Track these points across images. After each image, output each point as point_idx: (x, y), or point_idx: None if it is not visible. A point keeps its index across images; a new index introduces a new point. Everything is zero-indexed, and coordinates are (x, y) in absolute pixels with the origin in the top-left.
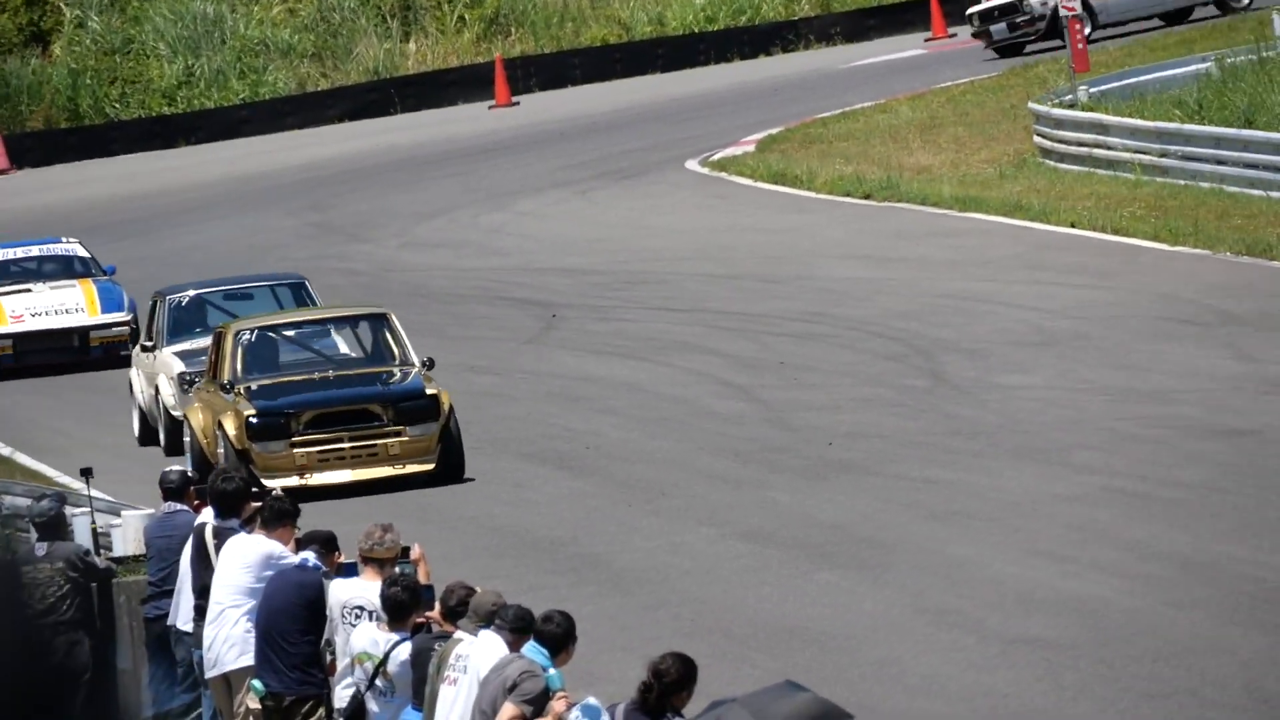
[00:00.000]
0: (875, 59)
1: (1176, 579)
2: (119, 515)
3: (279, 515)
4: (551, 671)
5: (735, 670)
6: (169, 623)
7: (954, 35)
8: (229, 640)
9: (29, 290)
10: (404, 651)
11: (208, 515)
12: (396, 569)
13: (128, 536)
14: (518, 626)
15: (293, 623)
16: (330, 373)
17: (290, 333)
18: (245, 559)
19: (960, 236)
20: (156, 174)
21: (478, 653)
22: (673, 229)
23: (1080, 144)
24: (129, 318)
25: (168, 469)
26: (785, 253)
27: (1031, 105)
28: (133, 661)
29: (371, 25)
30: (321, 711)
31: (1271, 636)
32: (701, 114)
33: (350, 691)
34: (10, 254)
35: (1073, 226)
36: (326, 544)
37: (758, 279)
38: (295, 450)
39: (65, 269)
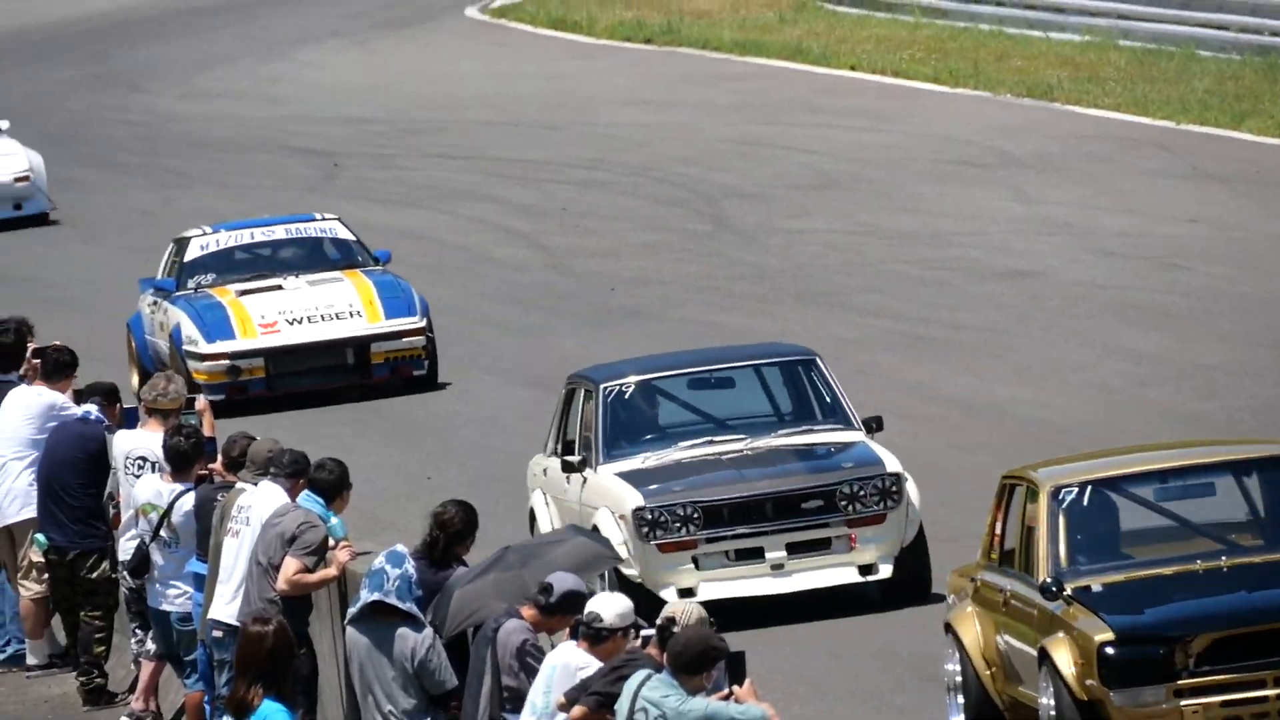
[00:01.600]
0: None
1: (960, 420)
2: None
3: (59, 367)
4: (334, 521)
5: (518, 517)
6: None
7: None
8: (11, 493)
9: (279, 288)
10: (187, 502)
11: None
12: (180, 420)
13: None
14: (293, 471)
15: (75, 476)
16: None
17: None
18: (27, 410)
19: (741, 81)
20: None
21: (259, 503)
22: (453, 76)
23: None
24: (422, 323)
25: None
26: (566, 99)
27: None
28: None
29: None
30: (106, 564)
31: None
32: None
33: (135, 544)
34: (244, 236)
35: (853, 70)
36: (108, 395)
37: (539, 126)
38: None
39: (320, 257)
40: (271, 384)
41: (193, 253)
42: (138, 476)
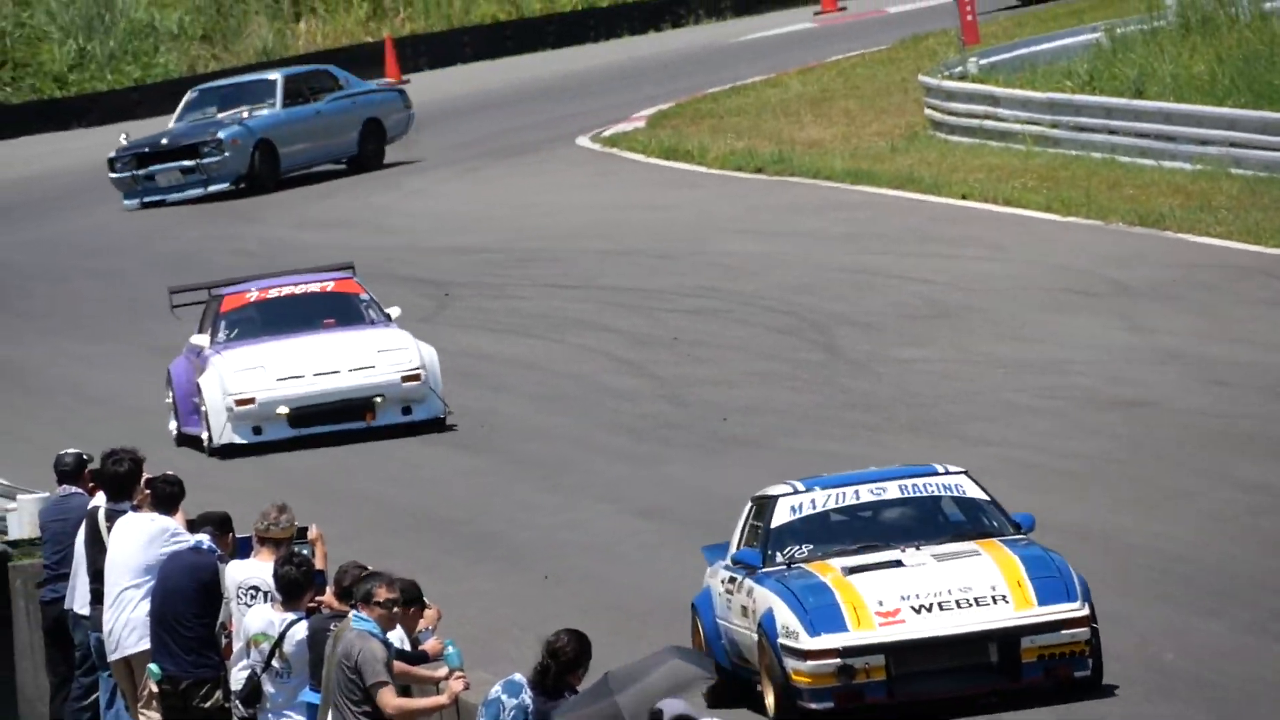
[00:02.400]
0: (765, 33)
1: (1072, 550)
2: (13, 499)
3: (168, 497)
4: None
5: (632, 647)
6: (65, 606)
7: (844, 9)
8: (129, 624)
9: (898, 564)
10: (300, 631)
11: (101, 499)
12: (293, 549)
13: (23, 520)
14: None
15: (187, 605)
16: None
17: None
18: (138, 538)
19: (853, 210)
20: (48, 157)
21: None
22: (564, 206)
23: (971, 116)
24: (1084, 610)
25: (62, 452)
26: (678, 228)
27: (922, 78)
28: (29, 645)
29: (261, 6)
30: (219, 694)
31: (1167, 607)
32: (592, 90)
33: (246, 673)
34: (846, 495)
35: (964, 199)
36: (221, 525)
37: (650, 255)
38: None
39: (941, 521)
40: (893, 689)
41: (781, 516)
42: (250, 606)
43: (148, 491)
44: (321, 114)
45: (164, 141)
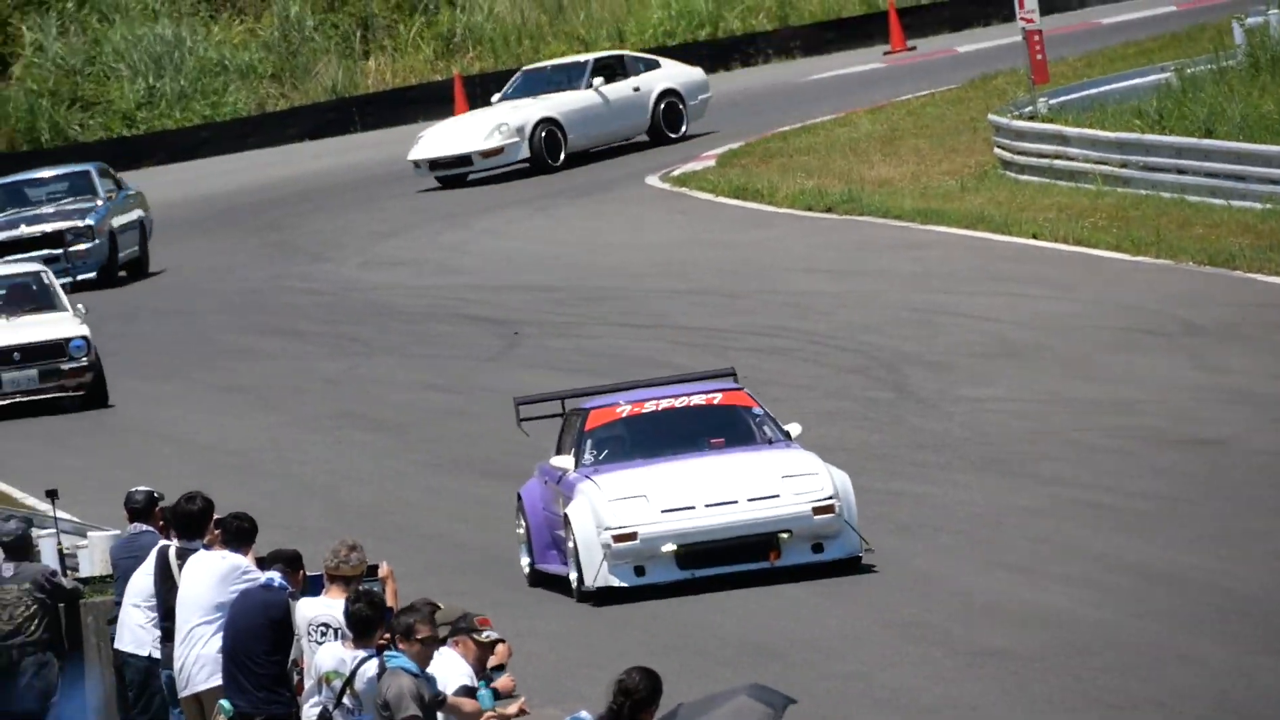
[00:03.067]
0: (834, 72)
1: (1142, 590)
2: (85, 536)
3: (239, 534)
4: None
5: (703, 686)
6: (115, 646)
7: (913, 48)
8: (199, 660)
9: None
10: (371, 669)
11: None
12: (363, 586)
13: (94, 557)
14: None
15: (259, 642)
16: None
17: None
18: (210, 575)
19: (922, 249)
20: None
21: (440, 670)
22: (634, 245)
23: (1041, 155)
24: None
25: (133, 489)
26: (747, 267)
27: (991, 117)
28: (101, 681)
29: (331, 44)
30: None
31: (1237, 647)
32: None
33: (318, 710)
34: None
35: (1034, 238)
36: (291, 562)
37: (720, 294)
38: None
39: None
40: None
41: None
42: (320, 643)
43: (218, 531)
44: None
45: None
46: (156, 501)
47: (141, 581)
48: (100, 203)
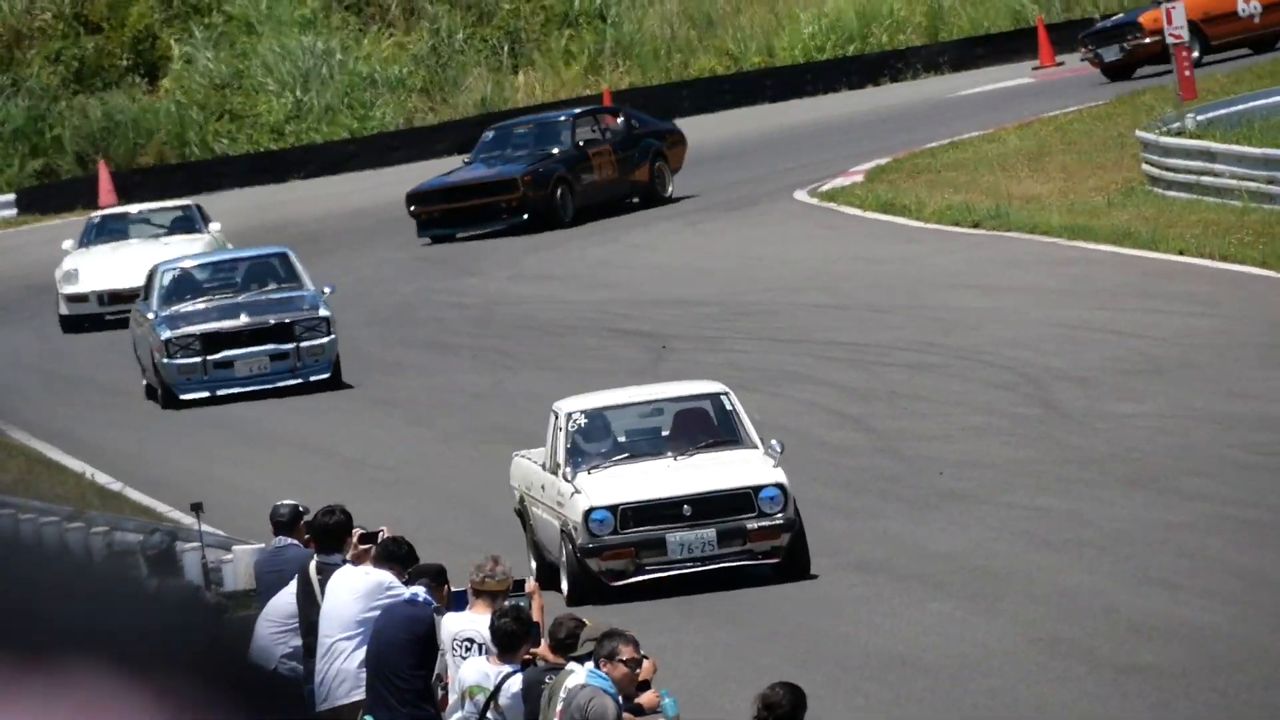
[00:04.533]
0: (983, 88)
1: None
2: (229, 550)
3: (390, 557)
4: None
5: (848, 701)
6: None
7: (1061, 64)
8: (340, 674)
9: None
10: (515, 684)
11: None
12: (509, 602)
13: (238, 571)
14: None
15: (404, 657)
16: None
17: None
18: (355, 590)
19: (1069, 265)
20: (265, 209)
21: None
22: (782, 259)
23: (1188, 171)
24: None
25: (278, 503)
26: (895, 282)
27: (1139, 133)
28: None
29: (480, 58)
30: None
31: None
32: (810, 144)
33: None
34: None
35: (1181, 254)
36: (436, 577)
37: (867, 309)
38: None
39: None
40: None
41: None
42: (465, 658)
43: (364, 547)
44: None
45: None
46: (301, 515)
47: (280, 599)
48: (310, 286)
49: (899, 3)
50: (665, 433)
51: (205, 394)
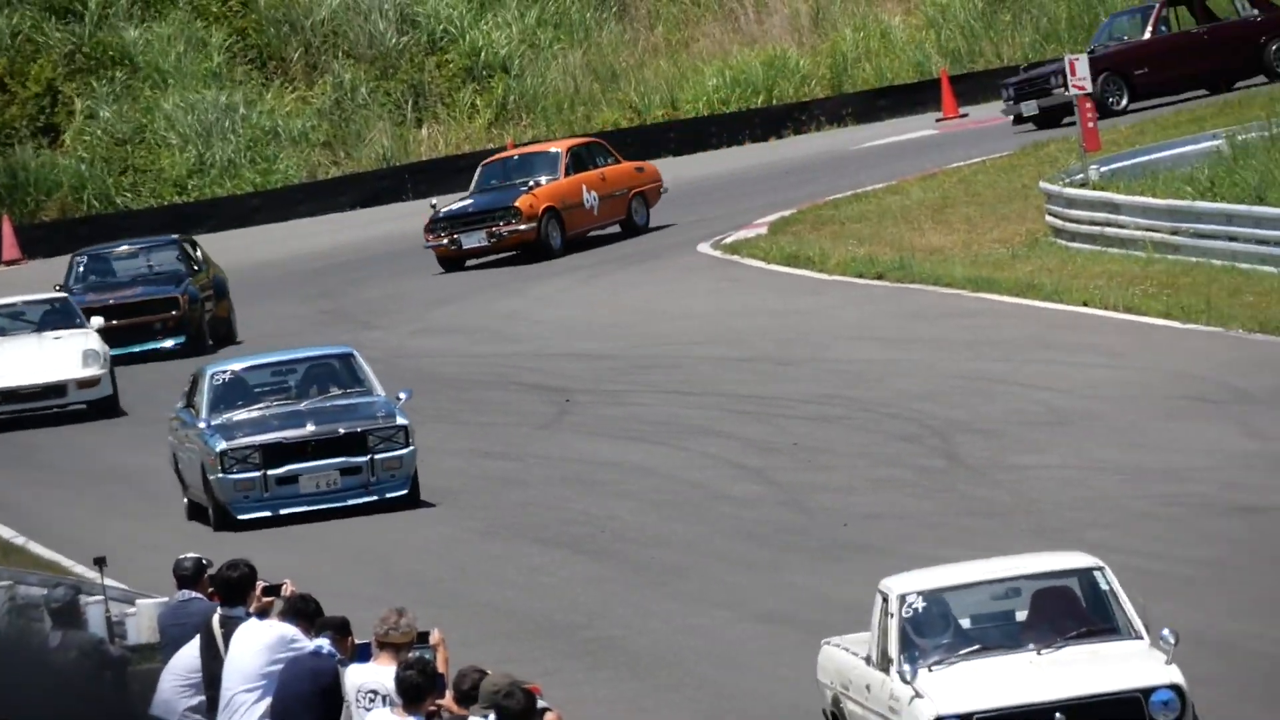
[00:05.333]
0: (886, 139)
1: (1191, 656)
2: (133, 604)
3: (298, 614)
4: None
5: None
6: (150, 711)
7: (965, 115)
8: None
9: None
10: None
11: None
12: (414, 653)
13: (142, 625)
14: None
15: (308, 710)
16: None
17: None
18: (258, 643)
19: (973, 317)
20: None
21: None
22: (685, 312)
23: (1092, 223)
24: None
25: (182, 557)
26: (799, 335)
27: (1043, 185)
28: None
29: (384, 112)
30: None
31: None
32: (713, 197)
33: None
34: None
35: (1085, 305)
36: (340, 629)
37: (771, 361)
38: None
39: None
40: None
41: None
42: (369, 710)
43: (267, 600)
44: None
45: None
46: (205, 569)
47: (184, 653)
48: (380, 391)
49: (803, 55)
50: (1021, 617)
51: (266, 513)
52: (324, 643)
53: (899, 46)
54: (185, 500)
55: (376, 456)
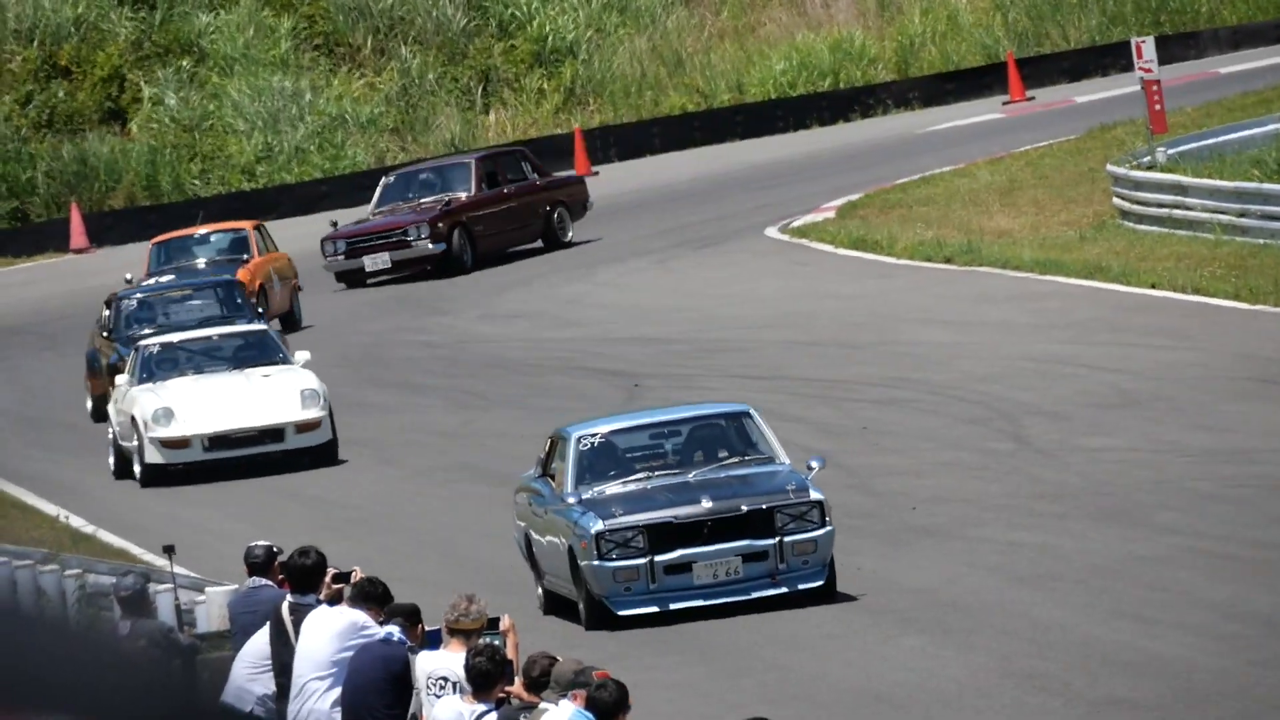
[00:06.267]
0: (953, 123)
1: (1261, 639)
2: (203, 591)
3: (366, 598)
4: None
5: None
6: (221, 699)
7: (1032, 98)
8: (313, 715)
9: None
10: None
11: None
12: (483, 640)
13: (211, 613)
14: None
15: (379, 697)
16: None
17: None
18: (329, 630)
19: (1041, 299)
20: None
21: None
22: (753, 296)
23: (1159, 205)
24: None
25: (252, 544)
26: (866, 318)
27: (1110, 168)
28: None
29: (451, 98)
30: None
31: None
32: (781, 181)
33: None
34: None
35: (1153, 288)
36: (411, 616)
37: (839, 345)
38: None
39: None
40: None
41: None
42: (439, 697)
43: (335, 586)
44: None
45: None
46: (275, 556)
47: (256, 641)
48: (784, 458)
49: (870, 39)
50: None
51: (653, 609)
52: (394, 630)
53: (966, 29)
54: (539, 590)
55: (786, 539)
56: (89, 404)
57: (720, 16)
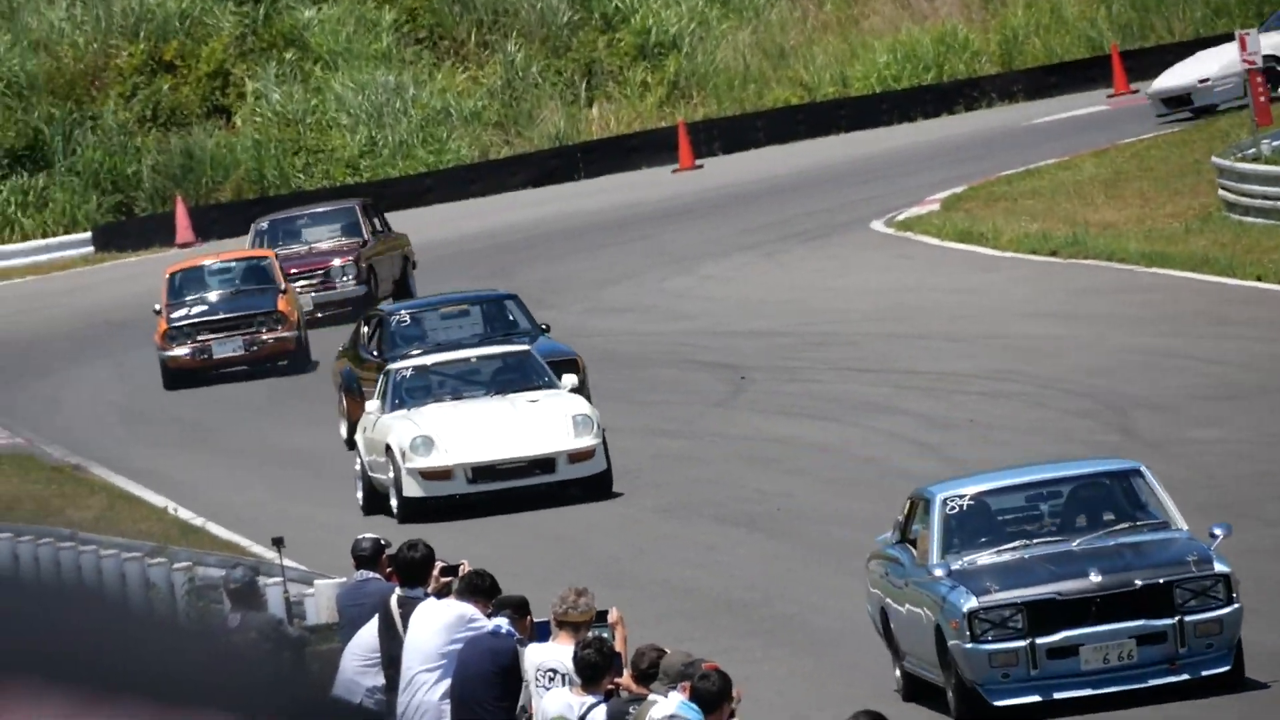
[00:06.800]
0: (1058, 116)
1: None
2: (311, 584)
3: (474, 591)
4: None
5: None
6: (331, 691)
7: (1136, 91)
8: (422, 707)
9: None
10: (599, 715)
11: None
12: (592, 633)
13: (320, 605)
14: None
15: (488, 690)
16: None
17: None
18: (437, 623)
19: (1147, 292)
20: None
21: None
22: (859, 289)
23: (1265, 197)
24: None
25: (360, 537)
26: (972, 311)
27: (1215, 160)
28: None
29: (555, 91)
30: None
31: None
32: (885, 174)
33: None
34: None
35: (1259, 280)
36: (519, 609)
37: (945, 338)
38: None
39: None
40: None
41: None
42: (548, 689)
43: (443, 580)
44: None
45: None
46: (383, 549)
47: (365, 633)
48: (1182, 523)
49: (974, 32)
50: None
51: (1035, 698)
52: (503, 622)
53: (1070, 22)
54: (896, 672)
55: (1187, 618)
56: (343, 428)
57: (823, 9)
